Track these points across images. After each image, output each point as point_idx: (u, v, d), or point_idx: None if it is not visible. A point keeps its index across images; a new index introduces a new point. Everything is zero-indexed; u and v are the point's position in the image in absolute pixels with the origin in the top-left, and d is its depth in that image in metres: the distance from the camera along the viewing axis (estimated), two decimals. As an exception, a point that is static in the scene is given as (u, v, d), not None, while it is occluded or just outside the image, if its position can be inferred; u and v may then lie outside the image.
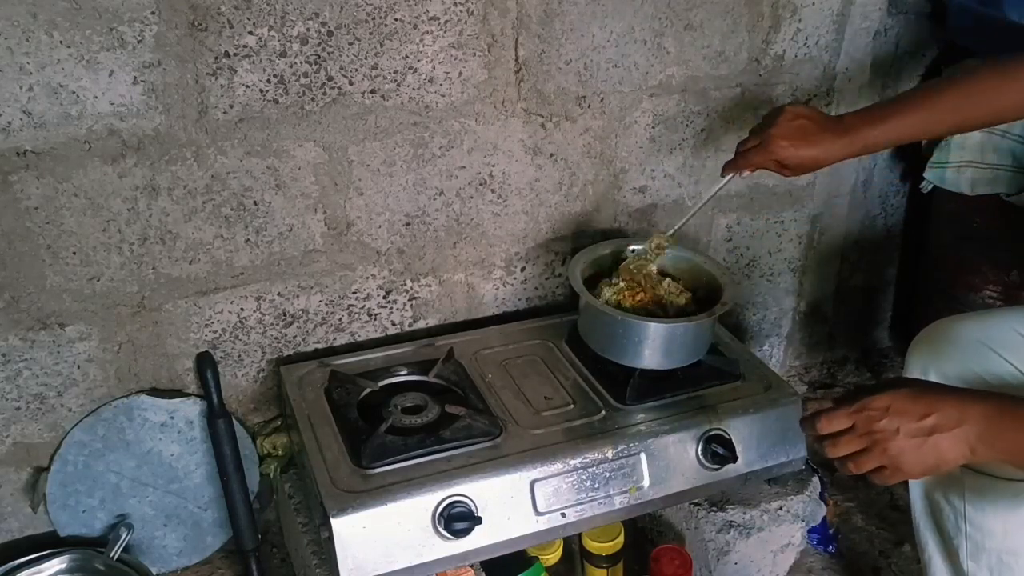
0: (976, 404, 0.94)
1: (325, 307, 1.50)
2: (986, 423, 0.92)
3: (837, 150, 1.25)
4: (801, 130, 1.25)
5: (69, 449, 1.39)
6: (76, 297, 1.33)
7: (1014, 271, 1.72)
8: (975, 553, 1.18)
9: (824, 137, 1.25)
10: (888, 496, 1.73)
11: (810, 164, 1.27)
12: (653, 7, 1.49)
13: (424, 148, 1.44)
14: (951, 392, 0.99)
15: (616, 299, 1.40)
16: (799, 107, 1.29)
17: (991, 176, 1.66)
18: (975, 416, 0.93)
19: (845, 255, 1.96)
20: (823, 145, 1.25)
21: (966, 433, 0.93)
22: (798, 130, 1.25)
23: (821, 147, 1.25)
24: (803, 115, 1.27)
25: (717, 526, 1.43)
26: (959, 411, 0.93)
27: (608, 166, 1.60)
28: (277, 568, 1.55)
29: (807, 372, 2.07)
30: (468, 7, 1.37)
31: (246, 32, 1.26)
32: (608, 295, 1.41)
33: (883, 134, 1.23)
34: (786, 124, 1.26)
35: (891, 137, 1.24)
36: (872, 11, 1.69)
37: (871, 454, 0.96)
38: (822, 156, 1.26)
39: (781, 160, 1.27)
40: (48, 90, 1.19)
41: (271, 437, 1.51)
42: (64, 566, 1.38)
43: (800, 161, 1.26)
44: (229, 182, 1.35)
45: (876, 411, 0.95)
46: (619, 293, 1.41)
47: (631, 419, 1.34)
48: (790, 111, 1.27)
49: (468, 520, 1.20)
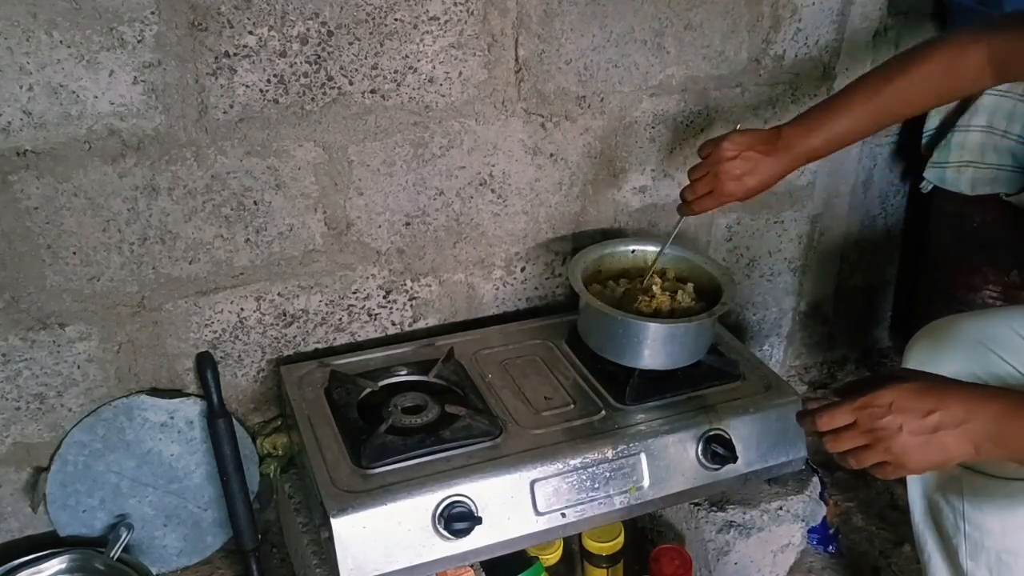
0: (984, 402, 0.93)
1: (325, 307, 1.50)
2: (995, 423, 0.91)
3: (778, 170, 1.29)
4: (744, 164, 1.28)
5: (69, 449, 1.39)
6: (76, 297, 1.33)
7: (1014, 271, 1.72)
8: (974, 552, 1.18)
9: (766, 162, 1.28)
10: (888, 496, 1.73)
11: (760, 189, 1.31)
12: (653, 7, 1.49)
13: (424, 148, 1.44)
14: (957, 387, 0.97)
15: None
16: (736, 138, 1.29)
17: (991, 176, 1.66)
18: (983, 415, 0.91)
19: (845, 255, 1.96)
20: (768, 171, 1.28)
21: (972, 431, 0.91)
22: (742, 165, 1.28)
23: (767, 173, 1.28)
24: (743, 145, 1.28)
25: (717, 526, 1.43)
26: (965, 409, 0.92)
27: (608, 166, 1.60)
28: (277, 568, 1.55)
29: (807, 372, 2.07)
30: (468, 7, 1.37)
31: (246, 32, 1.26)
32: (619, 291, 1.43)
33: (822, 141, 1.25)
34: (729, 163, 1.28)
35: (832, 142, 1.26)
36: (872, 11, 1.69)
37: (873, 450, 0.95)
38: (767, 181, 1.29)
39: (733, 198, 1.31)
40: (48, 90, 1.19)
41: (271, 437, 1.51)
42: (64, 566, 1.38)
43: (750, 192, 1.30)
44: (229, 182, 1.35)
45: (879, 407, 0.94)
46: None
47: (631, 419, 1.34)
48: (728, 148, 1.28)
49: (468, 520, 1.20)
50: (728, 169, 1.28)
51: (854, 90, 1.25)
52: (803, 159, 1.28)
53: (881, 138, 1.85)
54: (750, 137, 1.29)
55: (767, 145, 1.28)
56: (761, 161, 1.28)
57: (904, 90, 1.20)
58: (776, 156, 1.27)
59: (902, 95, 1.20)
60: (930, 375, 1.02)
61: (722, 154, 1.28)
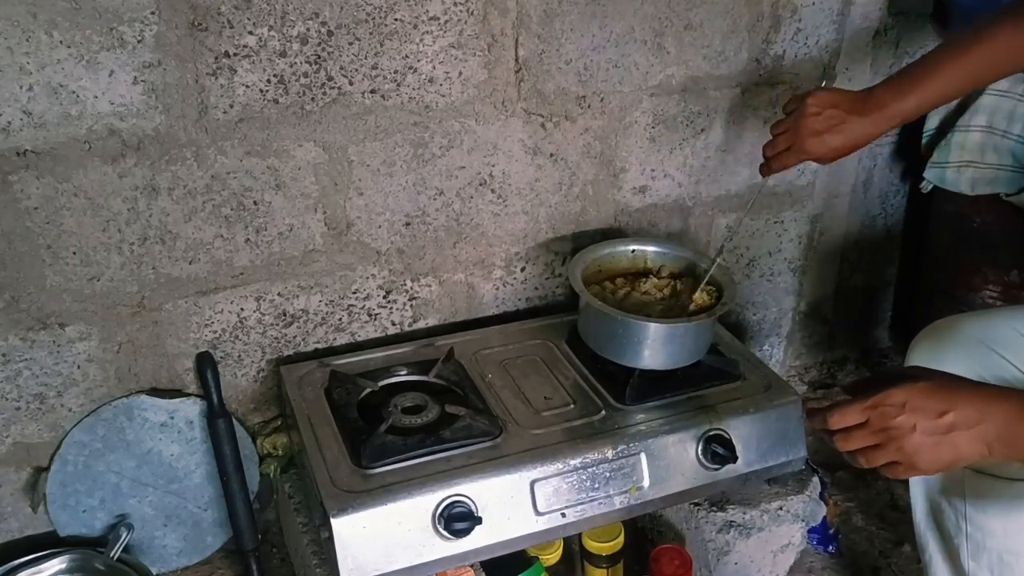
0: (997, 403, 0.92)
1: (325, 307, 1.50)
2: (1007, 423, 0.91)
3: (870, 131, 1.22)
4: (828, 121, 1.23)
5: (69, 449, 1.39)
6: (76, 297, 1.33)
7: (1014, 271, 1.72)
8: (976, 553, 1.18)
9: (853, 121, 1.22)
10: (888, 496, 1.73)
11: (844, 151, 1.25)
12: (653, 7, 1.49)
13: (424, 148, 1.44)
14: (970, 387, 0.96)
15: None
16: (820, 95, 1.25)
17: (991, 176, 1.66)
18: (996, 416, 0.91)
19: (845, 255, 1.96)
20: (854, 131, 1.22)
21: (985, 432, 0.91)
22: (825, 122, 1.23)
23: (852, 133, 1.22)
24: (827, 103, 1.23)
25: (717, 526, 1.43)
26: (979, 409, 0.91)
27: (608, 166, 1.60)
28: (277, 568, 1.55)
29: (807, 372, 2.07)
30: (468, 7, 1.37)
31: (246, 32, 1.26)
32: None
33: (915, 103, 1.20)
34: (811, 119, 1.23)
35: (923, 104, 1.21)
36: (872, 11, 1.69)
37: (885, 450, 0.94)
38: (855, 141, 1.23)
39: (814, 157, 1.26)
40: (48, 90, 1.19)
41: (271, 437, 1.51)
42: (64, 566, 1.38)
43: (835, 153, 1.25)
44: (229, 182, 1.35)
45: (892, 407, 0.93)
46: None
47: (631, 419, 1.34)
48: (812, 104, 1.24)
49: (468, 520, 1.19)
50: (810, 124, 1.23)
51: (946, 52, 1.21)
52: (895, 120, 1.22)
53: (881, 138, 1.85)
54: (837, 95, 1.25)
55: (855, 104, 1.23)
56: (847, 120, 1.22)
57: (990, 53, 1.17)
58: (866, 116, 1.22)
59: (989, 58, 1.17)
60: (941, 373, 1.01)
61: (805, 109, 1.24)
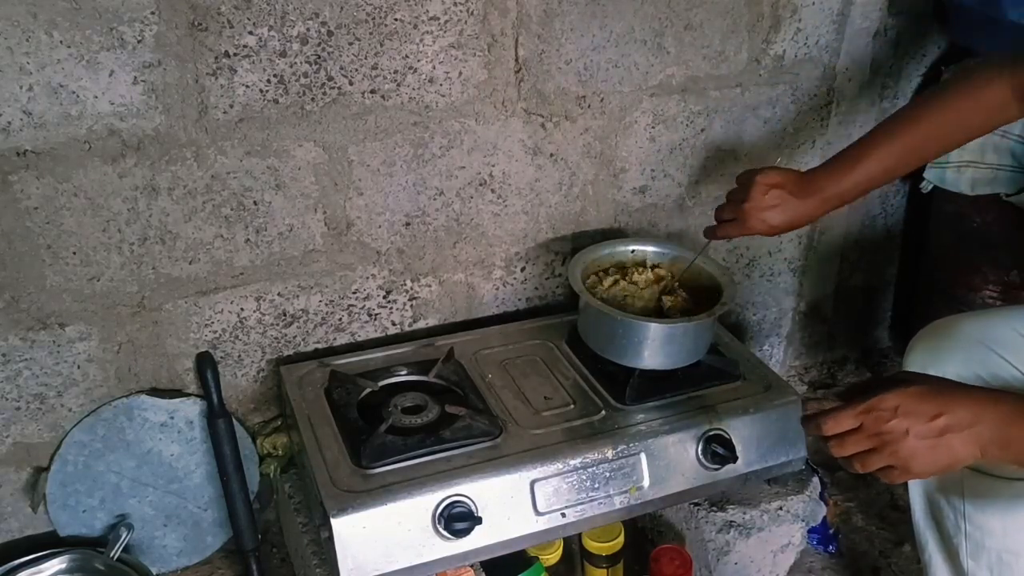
0: (990, 405, 0.92)
1: (325, 307, 1.50)
2: (1001, 426, 0.91)
3: (810, 211, 1.29)
4: (773, 200, 1.29)
5: (69, 449, 1.39)
6: (76, 297, 1.33)
7: (1014, 271, 1.72)
8: (975, 552, 1.18)
9: (796, 203, 1.28)
10: (888, 496, 1.73)
11: (785, 229, 1.32)
12: (653, 7, 1.49)
13: (424, 148, 1.44)
14: (962, 391, 0.97)
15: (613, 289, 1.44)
16: (770, 175, 1.30)
17: (991, 176, 1.66)
18: (989, 418, 0.91)
19: (845, 255, 1.96)
20: (797, 211, 1.29)
21: (978, 434, 0.91)
22: (770, 201, 1.29)
23: (794, 212, 1.29)
24: (775, 184, 1.29)
25: (717, 526, 1.43)
26: (972, 412, 0.92)
27: (608, 166, 1.60)
28: (277, 568, 1.55)
29: (807, 372, 2.07)
30: (468, 7, 1.37)
31: (246, 32, 1.26)
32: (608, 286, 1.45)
33: (853, 186, 1.26)
34: (759, 198, 1.29)
35: (861, 187, 1.26)
36: (872, 11, 1.69)
37: (880, 454, 0.94)
38: (796, 220, 1.30)
39: (756, 232, 1.32)
40: (48, 90, 1.19)
41: (271, 437, 1.51)
42: (64, 566, 1.38)
43: (775, 230, 1.31)
44: (229, 182, 1.35)
45: (885, 411, 0.93)
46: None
47: (631, 419, 1.34)
48: (761, 182, 1.29)
49: (468, 520, 1.20)
50: (757, 203, 1.29)
51: (881, 132, 1.25)
52: (832, 203, 1.28)
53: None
54: (783, 176, 1.30)
55: (797, 186, 1.29)
56: (788, 201, 1.28)
57: (930, 129, 1.20)
58: (805, 199, 1.28)
59: (929, 134, 1.21)
60: (934, 378, 1.02)
61: (753, 187, 1.29)
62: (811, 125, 1.75)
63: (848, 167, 1.26)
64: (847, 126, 1.77)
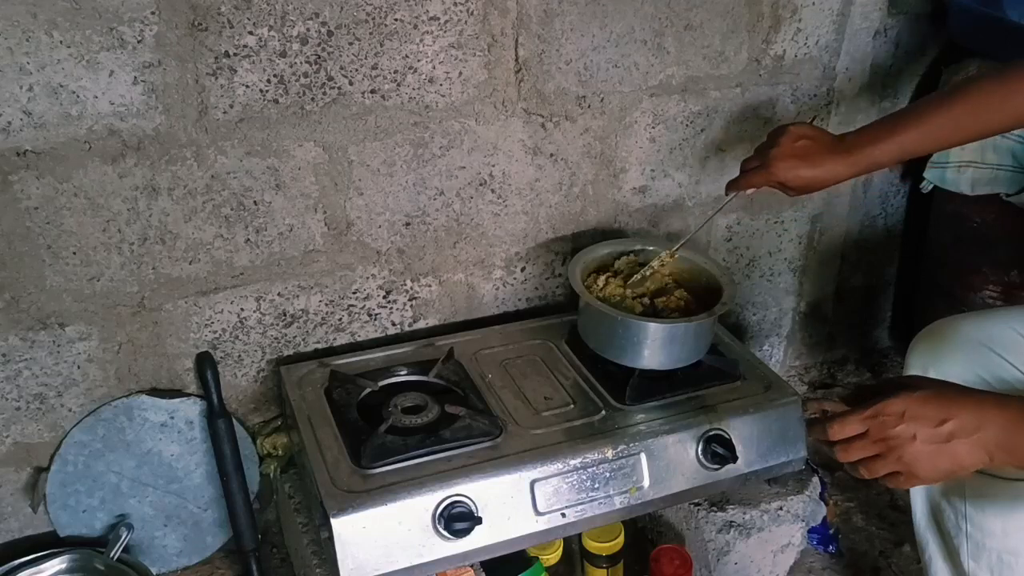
0: (996, 410, 0.92)
1: (325, 307, 1.50)
2: (1007, 431, 0.91)
3: (840, 171, 1.25)
4: (803, 151, 1.25)
5: (69, 449, 1.39)
6: (76, 297, 1.33)
7: (1014, 271, 1.72)
8: (976, 552, 1.18)
9: (826, 158, 1.24)
10: (888, 496, 1.73)
11: (812, 184, 1.27)
12: (653, 7, 1.49)
13: (424, 148, 1.44)
14: (968, 395, 0.97)
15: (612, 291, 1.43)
16: (802, 127, 1.28)
17: (991, 176, 1.66)
18: (995, 423, 0.91)
19: (845, 255, 1.96)
20: (825, 166, 1.24)
21: (985, 439, 0.91)
22: (800, 151, 1.25)
23: (823, 168, 1.24)
24: (806, 135, 1.26)
25: (717, 526, 1.43)
26: (978, 417, 0.91)
27: (608, 166, 1.60)
28: (277, 568, 1.55)
29: (807, 372, 2.07)
30: (468, 7, 1.37)
31: (246, 32, 1.26)
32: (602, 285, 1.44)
33: (887, 152, 1.22)
34: (788, 145, 1.26)
35: (895, 155, 1.23)
36: (872, 11, 1.69)
37: (885, 460, 0.94)
38: (824, 177, 1.25)
39: (783, 181, 1.27)
40: (48, 90, 1.19)
41: (271, 437, 1.51)
42: (64, 566, 1.38)
43: (802, 182, 1.27)
44: (229, 182, 1.35)
45: (891, 416, 0.93)
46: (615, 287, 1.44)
47: (631, 419, 1.34)
48: (793, 131, 1.27)
49: (468, 520, 1.20)
50: (786, 150, 1.26)
51: (919, 108, 1.24)
52: (863, 165, 1.25)
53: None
54: (819, 132, 1.28)
55: (832, 144, 1.26)
56: (819, 155, 1.25)
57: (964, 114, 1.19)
58: (840, 156, 1.24)
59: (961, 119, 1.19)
60: (940, 383, 1.02)
61: (785, 135, 1.27)
62: (811, 125, 1.75)
63: (884, 134, 1.23)
64: (847, 126, 1.77)
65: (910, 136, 1.21)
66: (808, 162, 1.25)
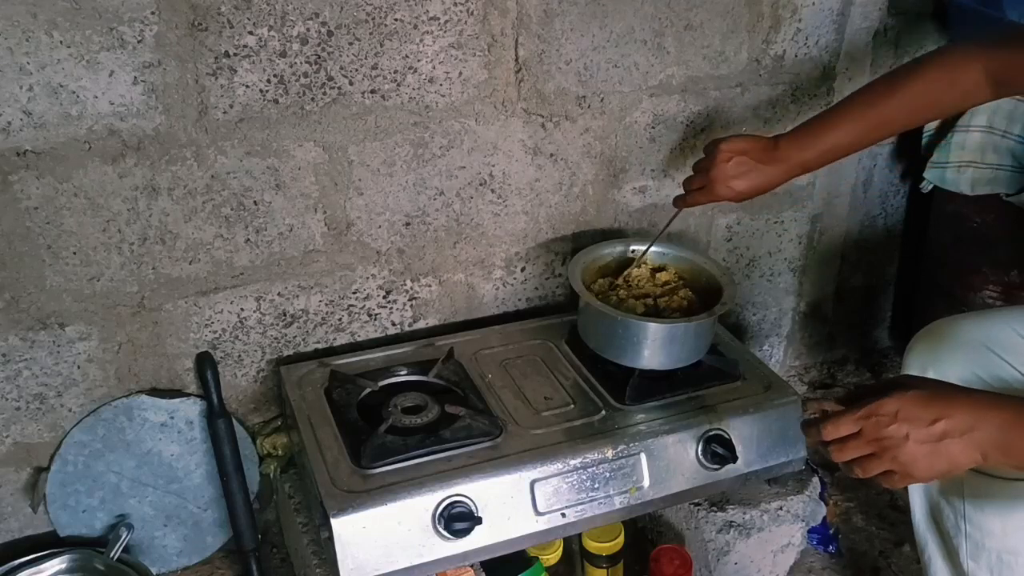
0: (991, 410, 0.92)
1: (325, 307, 1.50)
2: (1001, 431, 0.90)
3: (773, 178, 1.32)
4: (737, 167, 1.31)
5: (69, 449, 1.39)
6: (76, 297, 1.33)
7: (1014, 271, 1.72)
8: (975, 552, 1.18)
9: (759, 169, 1.31)
10: (888, 496, 1.73)
11: (752, 195, 1.35)
12: (653, 7, 1.49)
13: (424, 148, 1.44)
14: (962, 395, 0.97)
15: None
16: (733, 142, 1.32)
17: (991, 176, 1.66)
18: (990, 423, 0.91)
19: (845, 255, 1.96)
20: (760, 177, 1.32)
21: (979, 439, 0.91)
22: (734, 168, 1.32)
23: (758, 179, 1.32)
24: (739, 150, 1.32)
25: (717, 526, 1.43)
26: (972, 416, 0.91)
27: (608, 166, 1.60)
28: (277, 568, 1.55)
29: (807, 372, 2.07)
30: (468, 7, 1.37)
31: (246, 32, 1.26)
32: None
33: (817, 155, 1.28)
34: (722, 165, 1.32)
35: (826, 156, 1.29)
36: (872, 11, 1.69)
37: (880, 459, 0.94)
38: (759, 187, 1.33)
39: (723, 199, 1.35)
40: (48, 90, 1.19)
41: (271, 437, 1.51)
42: (64, 566, 1.38)
43: (742, 196, 1.34)
44: (229, 182, 1.35)
45: (884, 416, 0.93)
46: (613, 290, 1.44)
47: (631, 419, 1.34)
48: (724, 150, 1.32)
49: (468, 520, 1.20)
50: (722, 170, 1.32)
51: (851, 102, 1.27)
52: (796, 171, 1.31)
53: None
54: (748, 143, 1.32)
55: (763, 153, 1.31)
56: (754, 168, 1.31)
57: (901, 103, 1.21)
58: (770, 165, 1.31)
59: (899, 108, 1.22)
60: (934, 382, 1.02)
61: (718, 155, 1.32)
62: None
63: (815, 135, 1.28)
64: (847, 126, 1.77)
65: (837, 138, 1.26)
66: (744, 177, 1.32)
